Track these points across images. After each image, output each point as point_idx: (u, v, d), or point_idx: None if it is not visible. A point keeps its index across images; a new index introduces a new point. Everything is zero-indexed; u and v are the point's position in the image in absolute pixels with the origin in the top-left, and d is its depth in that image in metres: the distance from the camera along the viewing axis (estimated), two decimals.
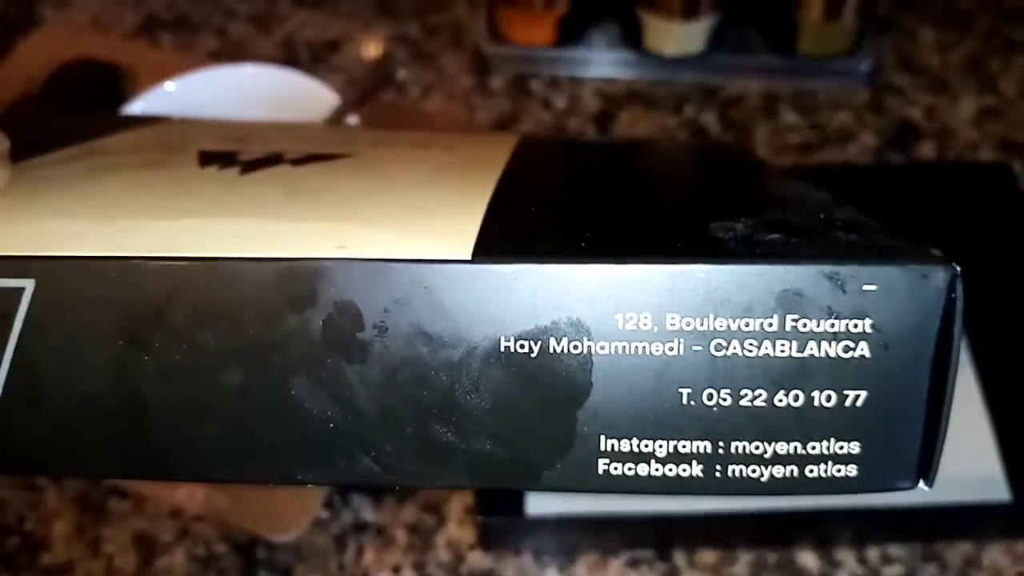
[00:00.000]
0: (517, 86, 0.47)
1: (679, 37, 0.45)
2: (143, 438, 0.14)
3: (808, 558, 0.33)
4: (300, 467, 0.14)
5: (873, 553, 0.33)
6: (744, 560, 0.33)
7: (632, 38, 0.46)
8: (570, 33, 0.46)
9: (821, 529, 0.33)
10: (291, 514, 0.34)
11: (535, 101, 0.47)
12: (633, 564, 0.33)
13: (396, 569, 0.33)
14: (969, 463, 0.33)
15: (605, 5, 0.46)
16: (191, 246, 0.14)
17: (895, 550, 0.33)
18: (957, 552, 0.33)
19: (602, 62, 0.47)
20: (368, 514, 0.34)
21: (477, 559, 0.33)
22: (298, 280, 0.14)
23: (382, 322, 0.14)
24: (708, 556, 0.33)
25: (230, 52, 0.48)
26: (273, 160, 0.18)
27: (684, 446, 0.14)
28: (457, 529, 0.34)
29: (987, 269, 0.37)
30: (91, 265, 0.14)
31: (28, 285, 0.14)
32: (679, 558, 0.33)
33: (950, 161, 0.44)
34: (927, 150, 0.44)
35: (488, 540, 0.33)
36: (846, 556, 0.33)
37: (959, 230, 0.38)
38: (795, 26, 0.44)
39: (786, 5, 0.44)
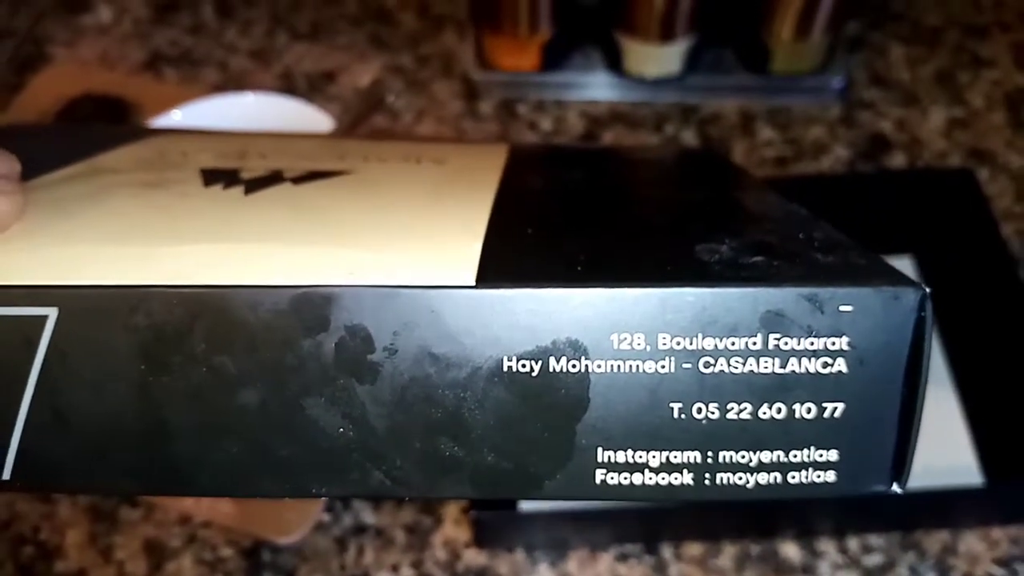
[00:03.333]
0: (505, 110, 0.49)
1: (657, 59, 0.47)
2: (165, 456, 0.15)
3: (791, 549, 0.34)
4: (315, 481, 0.15)
5: (854, 543, 0.34)
6: (728, 552, 0.34)
7: (613, 62, 0.48)
8: (554, 58, 0.48)
9: (803, 520, 0.34)
10: (294, 518, 0.35)
11: (522, 124, 0.49)
12: (622, 558, 0.34)
13: (395, 568, 0.34)
14: (944, 451, 0.34)
15: (586, 31, 0.48)
16: (209, 273, 0.15)
17: (875, 540, 0.34)
18: (935, 540, 0.34)
19: (585, 85, 0.49)
20: (368, 517, 0.36)
21: (472, 557, 0.34)
22: (312, 306, 0.14)
23: (392, 344, 0.14)
24: (694, 549, 0.34)
25: (232, 85, 0.50)
26: (274, 179, 0.19)
27: (676, 456, 0.15)
28: (453, 529, 0.35)
29: (956, 266, 0.39)
30: (113, 293, 0.14)
31: (51, 313, 0.14)
32: (666, 551, 0.34)
33: (917, 168, 0.45)
34: (898, 160, 0.46)
35: (482, 535, 0.34)
36: (827, 547, 0.34)
37: (927, 231, 0.40)
38: (767, 46, 0.46)
39: (757, 26, 0.46)
